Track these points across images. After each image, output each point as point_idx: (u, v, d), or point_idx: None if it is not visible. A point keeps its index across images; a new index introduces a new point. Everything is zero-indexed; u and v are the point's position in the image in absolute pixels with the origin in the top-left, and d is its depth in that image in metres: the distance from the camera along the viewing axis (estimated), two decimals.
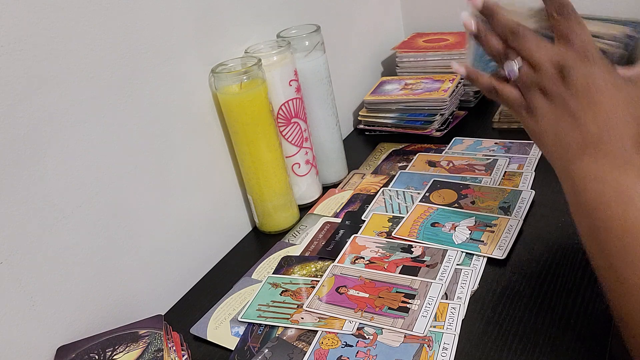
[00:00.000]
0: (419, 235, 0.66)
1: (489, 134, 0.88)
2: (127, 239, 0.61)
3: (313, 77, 0.78)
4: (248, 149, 0.71)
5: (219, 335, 0.59)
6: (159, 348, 0.52)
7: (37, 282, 0.52)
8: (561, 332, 0.51)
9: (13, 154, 0.49)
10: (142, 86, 0.61)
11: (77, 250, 0.56)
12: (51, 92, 0.52)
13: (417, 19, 1.18)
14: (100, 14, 0.55)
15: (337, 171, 0.86)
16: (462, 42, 1.01)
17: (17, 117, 0.49)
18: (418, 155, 0.85)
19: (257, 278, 0.67)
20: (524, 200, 0.68)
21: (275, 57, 0.71)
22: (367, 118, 0.98)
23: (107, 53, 0.57)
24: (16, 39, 0.48)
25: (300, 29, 0.78)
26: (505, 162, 0.78)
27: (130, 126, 0.60)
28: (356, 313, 0.57)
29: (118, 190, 0.60)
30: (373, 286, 0.60)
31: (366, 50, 1.08)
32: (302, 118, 0.76)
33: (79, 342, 0.55)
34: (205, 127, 0.70)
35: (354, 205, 0.77)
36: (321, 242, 0.71)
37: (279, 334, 0.57)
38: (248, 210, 0.79)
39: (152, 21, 0.61)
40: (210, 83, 0.70)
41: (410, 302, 0.57)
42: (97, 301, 0.58)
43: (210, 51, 0.70)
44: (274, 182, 0.73)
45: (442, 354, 0.51)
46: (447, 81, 0.94)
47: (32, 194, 0.51)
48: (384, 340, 0.53)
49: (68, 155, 0.54)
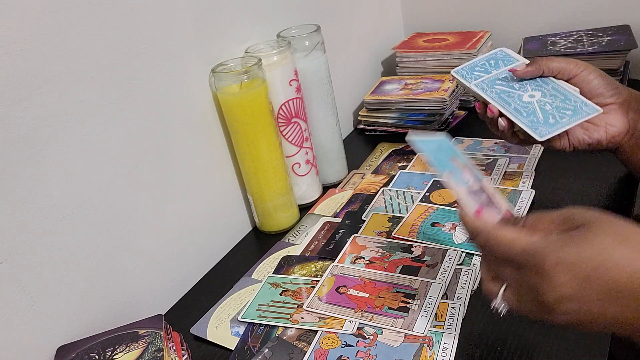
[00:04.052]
0: (419, 235, 0.66)
1: (489, 134, 0.87)
2: (127, 239, 0.61)
3: (313, 77, 0.78)
4: (248, 148, 0.71)
5: (219, 335, 0.59)
6: (159, 348, 0.52)
7: (37, 282, 0.52)
8: (561, 332, 0.51)
9: (13, 154, 0.49)
10: (142, 86, 0.61)
11: (77, 250, 0.56)
12: (51, 92, 0.52)
13: (417, 19, 1.18)
14: (100, 14, 0.55)
15: (337, 171, 0.86)
16: (462, 42, 1.01)
17: (17, 117, 0.49)
18: (418, 155, 0.85)
19: (257, 278, 0.67)
20: (524, 200, 0.68)
21: (276, 57, 0.71)
22: (367, 118, 0.98)
23: (107, 53, 0.57)
24: (16, 39, 0.48)
25: (300, 29, 0.78)
26: (505, 162, 0.78)
27: (130, 126, 0.60)
28: (356, 313, 0.57)
29: (118, 190, 0.60)
30: (373, 286, 0.60)
31: (366, 50, 1.08)
32: (302, 118, 0.76)
33: (79, 342, 0.55)
34: (205, 127, 0.70)
35: (354, 205, 0.77)
36: (321, 242, 0.71)
37: (279, 334, 0.57)
38: (248, 210, 0.79)
39: (152, 21, 0.61)
40: (210, 83, 0.70)
41: (410, 302, 0.57)
42: (97, 301, 0.58)
43: (210, 51, 0.70)
44: (274, 182, 0.73)
45: (442, 354, 0.51)
46: (447, 81, 0.94)
47: (32, 194, 0.51)
48: (384, 340, 0.53)
49: (68, 155, 0.54)
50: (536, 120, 0.62)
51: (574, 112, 0.62)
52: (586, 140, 0.64)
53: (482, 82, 0.68)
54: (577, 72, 0.64)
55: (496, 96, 0.65)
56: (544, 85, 0.65)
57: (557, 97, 0.64)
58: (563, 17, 1.03)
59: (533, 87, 0.66)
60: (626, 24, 0.96)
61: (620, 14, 0.98)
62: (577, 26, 1.01)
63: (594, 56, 0.89)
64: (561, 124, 0.61)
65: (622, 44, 0.89)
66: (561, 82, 0.65)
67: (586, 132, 0.64)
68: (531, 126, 0.62)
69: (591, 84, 0.63)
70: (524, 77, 0.67)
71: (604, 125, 0.63)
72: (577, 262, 0.39)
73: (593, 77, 0.64)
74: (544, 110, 0.63)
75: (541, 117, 0.62)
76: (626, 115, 0.63)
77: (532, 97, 0.64)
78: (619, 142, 0.64)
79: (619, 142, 0.64)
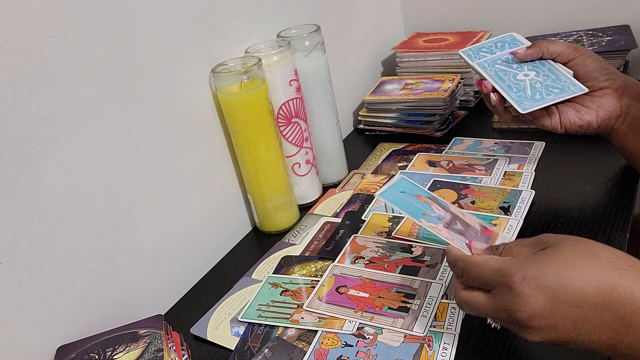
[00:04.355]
0: (419, 235, 0.66)
1: (489, 134, 0.88)
2: (127, 239, 0.61)
3: (313, 77, 0.78)
4: (248, 148, 0.71)
5: (219, 335, 0.59)
6: (159, 348, 0.52)
7: (37, 282, 0.52)
8: None
9: (13, 154, 0.49)
10: (142, 86, 0.61)
11: (77, 250, 0.56)
12: (51, 92, 0.52)
13: (417, 19, 1.18)
14: (100, 14, 0.55)
15: (337, 171, 0.86)
16: (462, 42, 1.01)
17: (17, 117, 0.49)
18: (418, 155, 0.85)
19: (257, 278, 0.67)
20: (524, 200, 0.68)
21: (276, 57, 0.71)
22: (367, 118, 0.98)
23: (107, 53, 0.57)
24: (16, 39, 0.48)
25: (300, 29, 0.78)
26: (505, 162, 0.78)
27: (130, 126, 0.60)
28: (356, 313, 0.57)
29: (118, 190, 0.60)
30: (373, 286, 0.60)
31: (366, 50, 1.08)
32: (302, 118, 0.76)
33: (79, 342, 0.55)
34: (205, 127, 0.70)
35: (354, 205, 0.77)
36: (321, 242, 0.71)
37: (279, 334, 0.57)
38: (248, 210, 0.79)
39: (152, 21, 0.61)
40: (210, 83, 0.70)
41: (410, 302, 0.57)
42: (97, 301, 0.58)
43: (210, 51, 0.70)
44: (274, 182, 0.73)
45: (442, 353, 0.51)
46: (447, 81, 0.94)
47: (32, 194, 0.51)
48: (384, 340, 0.53)
49: (68, 155, 0.54)
50: (524, 95, 0.66)
51: (561, 90, 0.65)
52: (577, 121, 0.66)
53: (485, 62, 0.72)
54: (575, 55, 0.67)
55: (493, 74, 0.69)
56: (540, 67, 0.69)
57: (549, 77, 0.67)
58: (563, 17, 1.03)
59: (530, 68, 0.69)
60: (626, 24, 0.96)
61: (620, 14, 0.98)
62: (577, 26, 1.01)
63: None
64: (546, 100, 0.65)
65: (622, 44, 0.89)
66: (558, 64, 0.68)
67: (577, 113, 0.66)
68: (517, 100, 0.66)
69: (587, 68, 0.65)
70: (525, 59, 0.70)
71: (595, 108, 0.65)
72: (542, 277, 0.41)
73: (590, 61, 0.66)
74: (533, 88, 0.66)
75: (529, 93, 0.66)
76: (619, 100, 0.64)
77: (526, 76, 0.68)
78: (611, 126, 0.65)
79: (612, 126, 0.65)
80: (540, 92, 0.65)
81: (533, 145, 0.81)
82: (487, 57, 0.72)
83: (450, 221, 0.54)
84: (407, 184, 0.58)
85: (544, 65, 0.69)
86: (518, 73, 0.69)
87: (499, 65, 0.70)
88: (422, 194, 0.57)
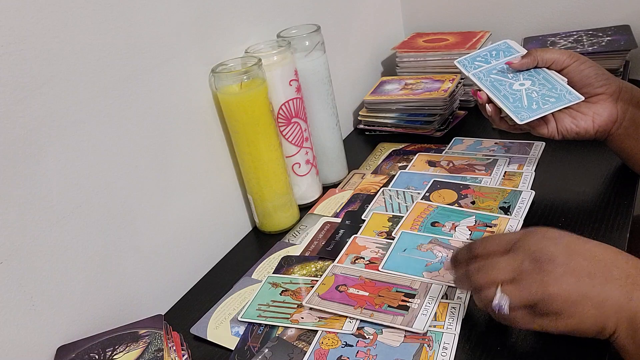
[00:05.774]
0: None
1: (489, 134, 0.88)
2: (127, 239, 0.61)
3: (313, 77, 0.78)
4: (248, 148, 0.71)
5: (219, 335, 0.59)
6: (159, 348, 0.52)
7: (37, 282, 0.52)
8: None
9: (13, 154, 0.49)
10: (142, 86, 0.61)
11: (77, 250, 0.56)
12: (51, 92, 0.52)
13: (417, 19, 1.18)
14: (100, 14, 0.55)
15: (337, 171, 0.86)
16: (462, 42, 1.01)
17: (17, 117, 0.49)
18: (418, 155, 0.85)
19: (257, 278, 0.67)
20: (524, 200, 0.68)
21: (276, 57, 0.71)
22: (367, 118, 0.98)
23: (107, 53, 0.57)
24: (16, 39, 0.48)
25: (300, 29, 0.78)
26: (505, 162, 0.78)
27: (130, 126, 0.60)
28: (356, 310, 0.57)
29: (118, 190, 0.60)
30: (373, 285, 0.60)
31: (366, 50, 1.08)
32: (302, 118, 0.76)
33: (79, 342, 0.55)
34: (205, 127, 0.70)
35: (354, 205, 0.77)
36: (321, 242, 0.71)
37: (279, 334, 0.57)
38: (248, 210, 0.79)
39: (152, 21, 0.61)
40: (210, 83, 0.70)
41: (410, 301, 0.57)
42: (97, 301, 0.58)
43: (210, 51, 0.70)
44: (274, 182, 0.73)
45: (442, 353, 0.51)
46: (447, 81, 0.94)
47: (32, 194, 0.51)
48: (384, 340, 0.53)
49: (68, 155, 0.54)
50: (520, 105, 0.66)
51: (557, 99, 0.65)
52: (573, 128, 0.66)
53: (480, 72, 0.72)
54: (570, 62, 0.67)
55: (489, 84, 0.70)
56: (535, 75, 0.69)
57: (545, 85, 0.67)
58: (563, 17, 1.03)
59: (525, 77, 0.69)
60: (626, 24, 0.96)
61: (620, 14, 0.98)
62: (577, 26, 1.01)
63: (594, 56, 0.88)
64: (543, 109, 0.65)
65: (622, 44, 0.89)
66: (552, 72, 0.68)
67: (574, 120, 0.66)
68: (514, 110, 0.66)
69: (582, 74, 0.66)
70: (520, 69, 0.70)
71: (592, 114, 0.65)
72: (557, 235, 0.47)
73: (584, 67, 0.66)
74: (529, 97, 0.67)
75: (526, 103, 0.66)
76: (615, 105, 0.65)
77: (522, 86, 0.68)
78: (608, 132, 0.66)
79: (608, 132, 0.66)
80: (536, 102, 0.66)
81: (533, 146, 0.81)
82: (482, 67, 0.72)
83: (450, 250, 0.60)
84: (406, 238, 0.65)
85: (539, 73, 0.69)
86: (514, 83, 0.69)
87: (494, 75, 0.71)
88: (423, 241, 0.63)
